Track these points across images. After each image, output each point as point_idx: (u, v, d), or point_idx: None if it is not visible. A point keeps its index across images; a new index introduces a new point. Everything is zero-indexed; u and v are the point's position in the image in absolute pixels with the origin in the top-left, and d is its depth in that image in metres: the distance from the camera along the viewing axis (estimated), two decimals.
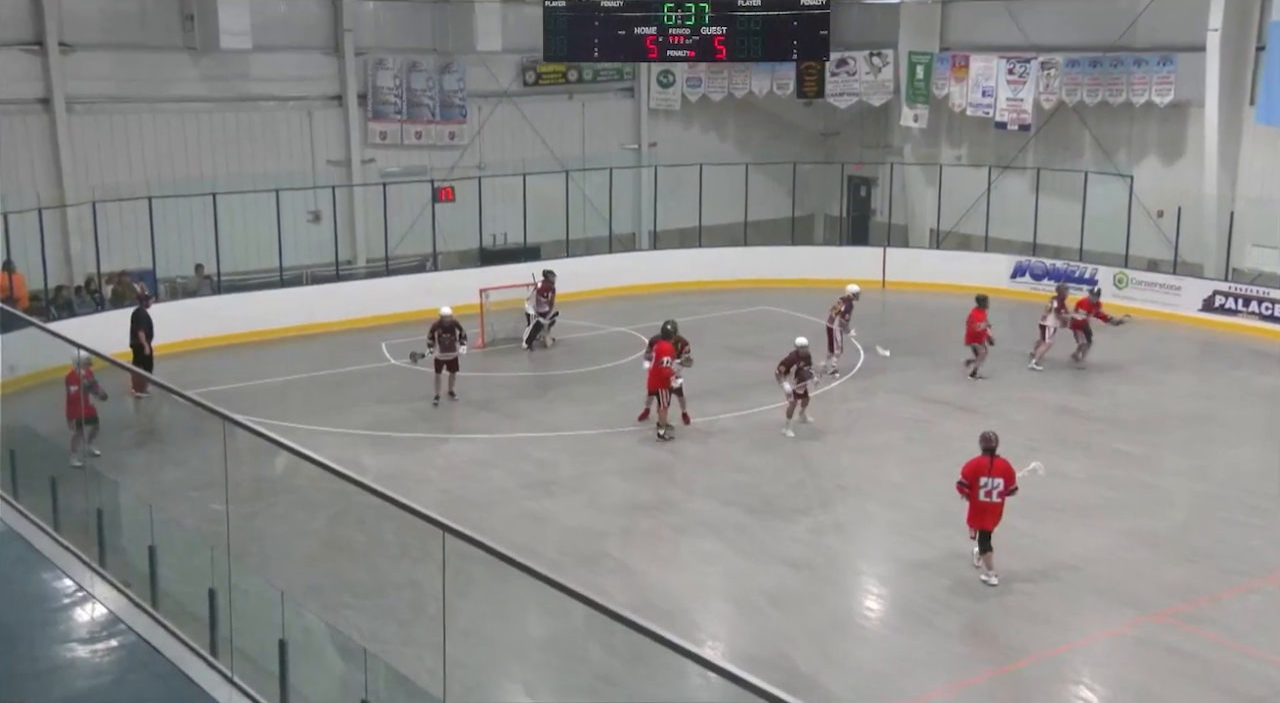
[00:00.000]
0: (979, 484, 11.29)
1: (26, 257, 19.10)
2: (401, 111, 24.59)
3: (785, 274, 24.75)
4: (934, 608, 11.02)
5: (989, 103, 25.07)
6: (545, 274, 20.48)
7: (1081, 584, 11.51)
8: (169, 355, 18.63)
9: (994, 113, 25.00)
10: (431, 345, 16.98)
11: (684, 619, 10.78)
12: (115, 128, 21.63)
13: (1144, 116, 23.67)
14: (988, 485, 11.28)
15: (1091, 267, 23.34)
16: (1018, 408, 16.96)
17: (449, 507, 12.46)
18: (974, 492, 11.32)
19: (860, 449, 15.47)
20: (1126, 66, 23.14)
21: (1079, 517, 13.02)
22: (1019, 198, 25.32)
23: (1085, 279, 23.41)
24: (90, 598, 7.94)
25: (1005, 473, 11.29)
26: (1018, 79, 24.51)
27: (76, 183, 21.00)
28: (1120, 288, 22.89)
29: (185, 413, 14.78)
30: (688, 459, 15.14)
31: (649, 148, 27.78)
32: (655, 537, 12.68)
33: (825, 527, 12.94)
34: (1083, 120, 24.59)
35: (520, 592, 6.02)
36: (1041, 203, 24.47)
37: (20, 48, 20.57)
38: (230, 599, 7.44)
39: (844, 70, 27.27)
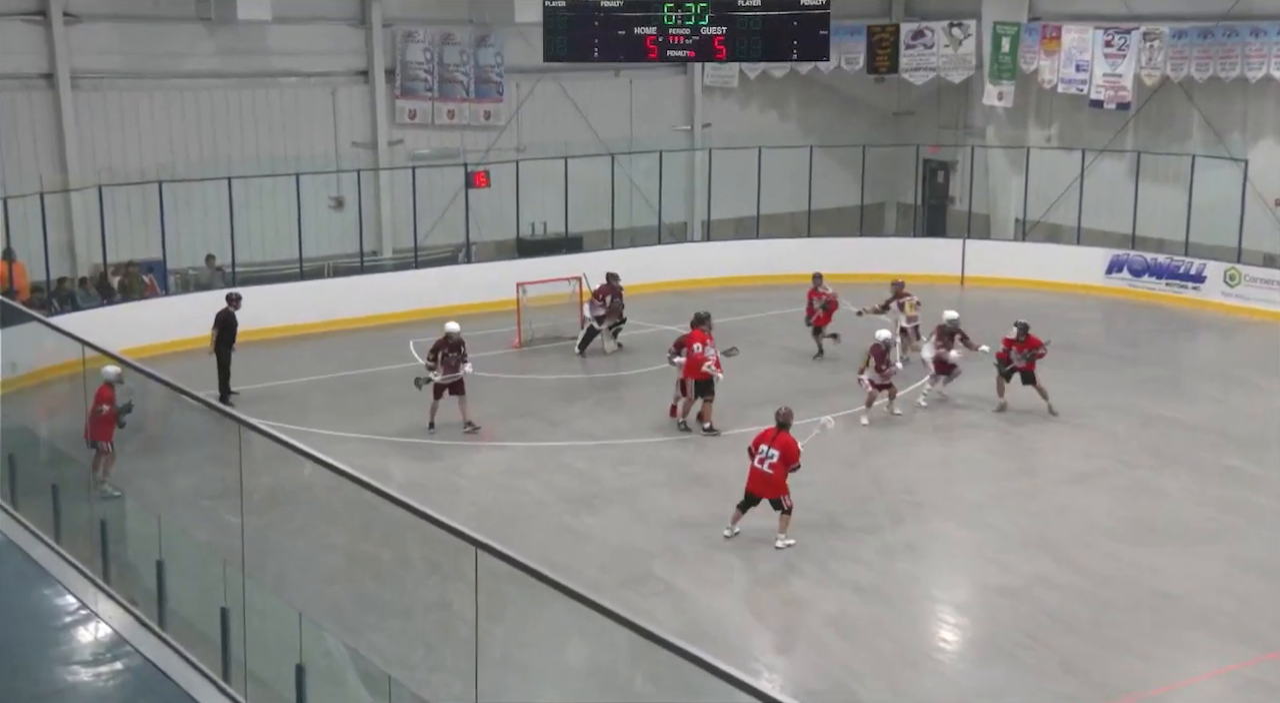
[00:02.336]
0: (758, 451, 12.56)
1: (28, 245, 19.43)
2: (433, 88, 24.75)
3: (853, 269, 24.54)
4: (1019, 640, 10.90)
5: (1083, 78, 24.78)
6: (609, 277, 20.24)
7: (1186, 617, 11.34)
8: (178, 354, 18.89)
9: (1089, 90, 24.70)
10: (434, 366, 16.22)
11: (737, 647, 10.74)
12: (123, 106, 21.95)
13: (1260, 93, 23.26)
14: (764, 454, 12.49)
15: (1199, 262, 23.02)
16: (1114, 417, 16.74)
17: (481, 521, 12.51)
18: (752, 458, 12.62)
19: (935, 462, 15.35)
20: (1241, 37, 22.76)
21: (1183, 541, 12.83)
22: (1116, 185, 24.99)
23: (1191, 276, 23.09)
24: (93, 616, 8.05)
25: (786, 447, 12.46)
26: (1116, 52, 24.20)
27: (81, 165, 21.33)
28: (1232, 285, 22.54)
29: (197, 416, 14.96)
30: (743, 472, 15.07)
31: (703, 129, 27.75)
32: (706, 557, 12.66)
33: (895, 548, 12.85)
34: (1190, 98, 24.22)
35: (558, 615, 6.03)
36: (1142, 190, 24.12)
37: (21, 18, 20.92)
38: (244, 619, 7.51)
39: (920, 43, 27.08)
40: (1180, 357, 20.50)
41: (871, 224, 27.77)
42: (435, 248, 24.03)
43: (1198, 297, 22.93)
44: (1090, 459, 15.20)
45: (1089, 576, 12.05)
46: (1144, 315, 22.60)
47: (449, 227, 23.91)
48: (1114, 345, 21.22)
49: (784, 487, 12.53)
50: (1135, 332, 21.83)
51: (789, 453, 12.48)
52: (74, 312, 19.13)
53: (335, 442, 15.30)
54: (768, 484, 12.53)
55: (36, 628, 7.95)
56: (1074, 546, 12.74)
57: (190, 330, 19.83)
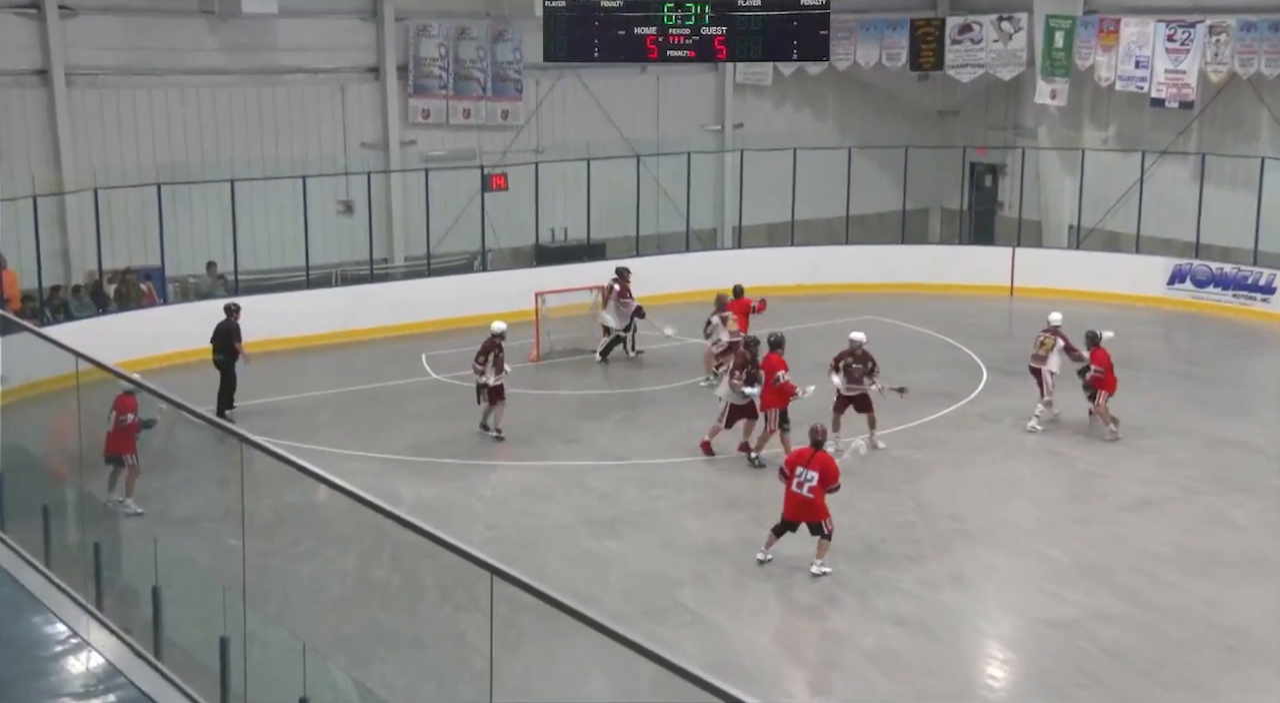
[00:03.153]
0: (794, 474, 12.50)
1: (19, 251, 19.59)
2: (447, 86, 24.86)
3: (894, 278, 24.54)
4: (1074, 678, 10.82)
5: (1143, 75, 24.67)
6: (620, 273, 20.55)
7: (1255, 655, 11.23)
8: (178, 367, 18.99)
9: (1149, 87, 24.59)
10: (483, 371, 16.54)
11: (770, 683, 10.71)
12: (121, 104, 22.12)
13: None
14: (802, 477, 12.42)
15: (1269, 271, 22.86)
16: (1177, 440, 16.62)
17: (497, 545, 12.52)
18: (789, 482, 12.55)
19: (982, 486, 15.27)
20: None
21: (1251, 574, 12.71)
22: (1179, 189, 24.85)
23: (1259, 287, 22.93)
24: (85, 646, 8.07)
25: (825, 467, 12.44)
26: (1179, 47, 24.09)
27: (76, 166, 21.50)
28: None
29: (198, 433, 15.05)
30: (776, 494, 15.03)
31: (734, 129, 27.77)
32: (737, 586, 12.63)
33: (940, 578, 12.78)
34: (1259, 96, 24.09)
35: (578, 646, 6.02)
36: (1206, 195, 23.97)
37: (14, 11, 21.12)
38: (245, 650, 7.52)
39: (967, 37, 27.04)
40: (1248, 375, 20.32)
41: (914, 231, 27.69)
42: (449, 255, 24.10)
43: (1267, 309, 22.76)
44: (1151, 485, 15.09)
45: (1150, 609, 11.95)
46: (1208, 329, 22.45)
47: (464, 232, 23.97)
48: (1176, 362, 21.09)
49: (824, 510, 12.50)
50: (1199, 347, 21.68)
51: (828, 473, 12.43)
52: (68, 322, 19.28)
53: (344, 460, 15.35)
54: (807, 508, 12.48)
55: (25, 658, 7.98)
56: (1133, 577, 12.64)
57: (190, 342, 19.90)
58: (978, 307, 23.79)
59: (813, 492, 12.40)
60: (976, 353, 20.43)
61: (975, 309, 23.47)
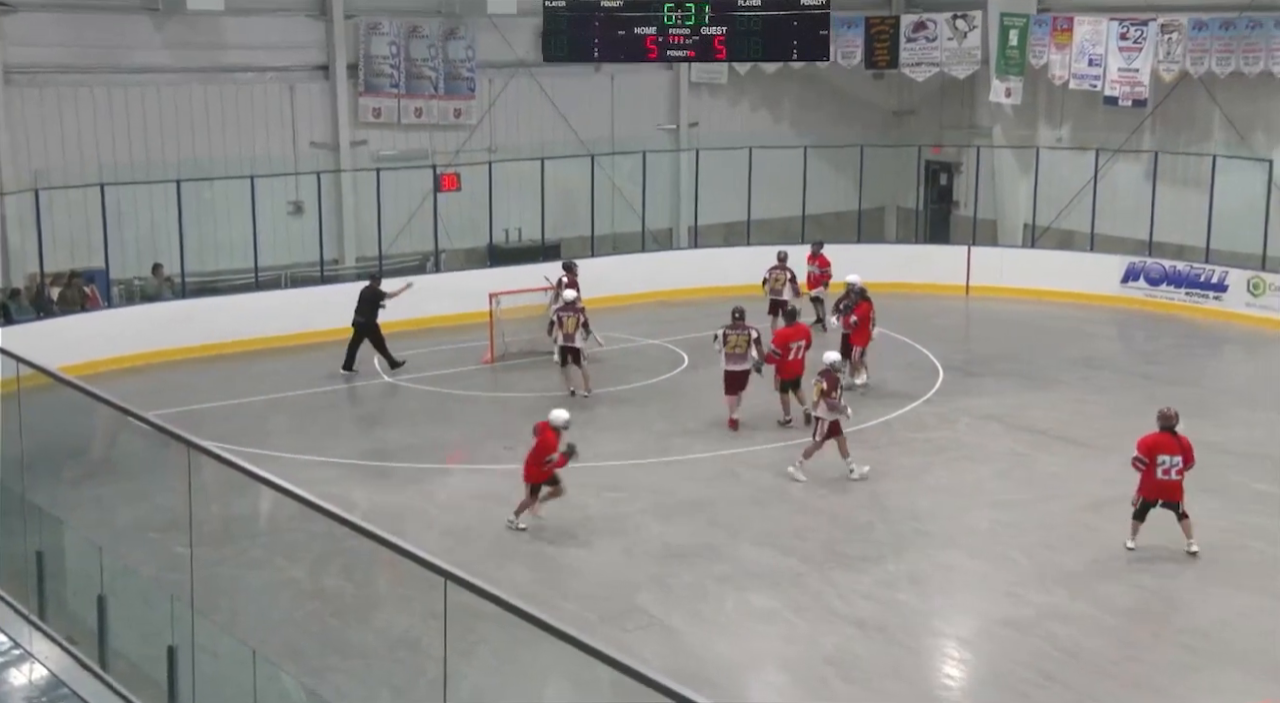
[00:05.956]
0: (1156, 462, 12.73)
1: None
2: (399, 85, 24.71)
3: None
4: (1032, 678, 10.86)
5: (1097, 74, 24.91)
6: (566, 267, 20.79)
7: (1215, 653, 11.31)
8: (124, 371, 18.77)
9: (1103, 86, 24.83)
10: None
11: (731, 688, 10.69)
12: (63, 102, 21.83)
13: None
14: (1166, 463, 12.70)
15: (1221, 270, 23.12)
16: (1134, 439, 16.68)
17: (454, 551, 12.44)
18: (1151, 469, 12.80)
19: (941, 487, 15.32)
20: (1266, 29, 22.91)
21: (1211, 572, 12.81)
22: (1132, 188, 25.11)
23: (1212, 284, 23.19)
24: (28, 657, 7.96)
25: (1186, 451, 12.79)
26: (1132, 45, 24.34)
27: (16, 167, 21.19)
28: (1256, 295, 22.63)
29: (144, 438, 14.85)
30: (737, 498, 15.05)
31: (689, 128, 27.78)
32: (698, 590, 12.60)
33: (899, 580, 12.81)
34: (1211, 94, 24.37)
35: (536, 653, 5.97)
36: (1160, 193, 24.24)
37: None
38: (193, 659, 7.43)
39: (922, 35, 27.21)
40: (1203, 373, 20.56)
41: (870, 230, 27.82)
42: (401, 256, 23.95)
43: (1220, 307, 23.03)
44: (1110, 485, 15.15)
45: (1110, 609, 12.03)
46: (1163, 328, 22.69)
47: (416, 233, 23.86)
48: (1132, 361, 21.29)
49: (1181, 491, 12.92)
50: (1154, 346, 21.90)
51: (1189, 454, 12.86)
52: (7, 326, 18.98)
53: (296, 466, 15.21)
54: (1176, 489, 12.88)
55: None
56: (1093, 577, 12.72)
57: (136, 345, 19.77)
58: (934, 306, 23.93)
59: (1179, 474, 12.79)
60: (933, 353, 20.54)
61: (931, 308, 23.61)
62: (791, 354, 16.84)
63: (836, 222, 27.05)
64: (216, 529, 11.91)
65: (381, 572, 10.69)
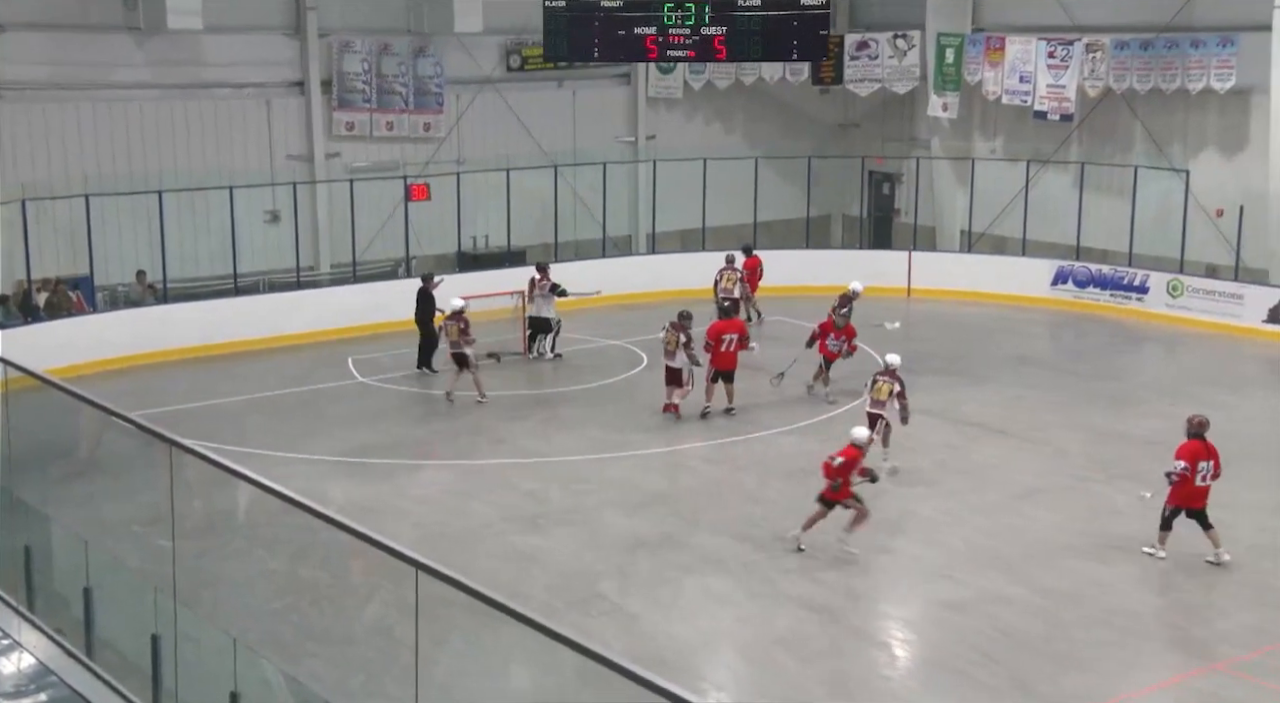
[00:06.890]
0: (1197, 469, 12.38)
1: None
2: (370, 100, 24.60)
3: (799, 281, 24.69)
4: (970, 657, 10.95)
5: (1027, 90, 25.11)
6: (539, 266, 20.68)
7: (1138, 630, 11.46)
8: (109, 373, 18.57)
9: (1033, 101, 25.03)
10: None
11: (688, 669, 10.71)
12: (49, 117, 21.60)
13: (1201, 105, 23.71)
14: (1204, 470, 12.40)
15: (1142, 273, 23.37)
16: (1064, 431, 16.90)
17: (425, 543, 12.37)
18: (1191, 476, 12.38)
19: (885, 478, 15.38)
20: (1182, 49, 23.18)
21: (1135, 555, 12.95)
22: (1061, 196, 25.34)
23: (1135, 287, 23.44)
24: (16, 646, 7.87)
25: (1216, 457, 12.50)
26: (1059, 63, 24.55)
27: (4, 179, 20.93)
28: (1175, 296, 22.90)
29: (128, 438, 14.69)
30: (693, 489, 15.08)
31: (647, 141, 27.80)
32: (657, 577, 12.62)
33: (847, 565, 12.86)
34: (1132, 109, 24.63)
35: (504, 639, 5.97)
36: (1086, 201, 24.49)
37: None
38: (176, 648, 7.37)
39: (864, 54, 27.34)
40: (1127, 369, 20.76)
41: (817, 236, 27.94)
42: (374, 262, 23.85)
43: (1142, 307, 23.29)
44: (1042, 475, 15.34)
45: (1042, 591, 12.14)
46: (1091, 328, 22.90)
47: (388, 241, 23.75)
48: (1062, 358, 21.50)
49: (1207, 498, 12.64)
50: (1082, 344, 22.11)
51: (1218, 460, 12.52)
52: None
53: (274, 463, 15.10)
54: (1206, 495, 12.51)
55: None
56: (1027, 562, 12.83)
57: (120, 349, 19.58)
58: (877, 307, 24.03)
59: (1212, 479, 12.48)
60: (876, 352, 20.60)
61: (875, 309, 23.70)
62: (724, 346, 16.94)
63: (786, 228, 27.15)
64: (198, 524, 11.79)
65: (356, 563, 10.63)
